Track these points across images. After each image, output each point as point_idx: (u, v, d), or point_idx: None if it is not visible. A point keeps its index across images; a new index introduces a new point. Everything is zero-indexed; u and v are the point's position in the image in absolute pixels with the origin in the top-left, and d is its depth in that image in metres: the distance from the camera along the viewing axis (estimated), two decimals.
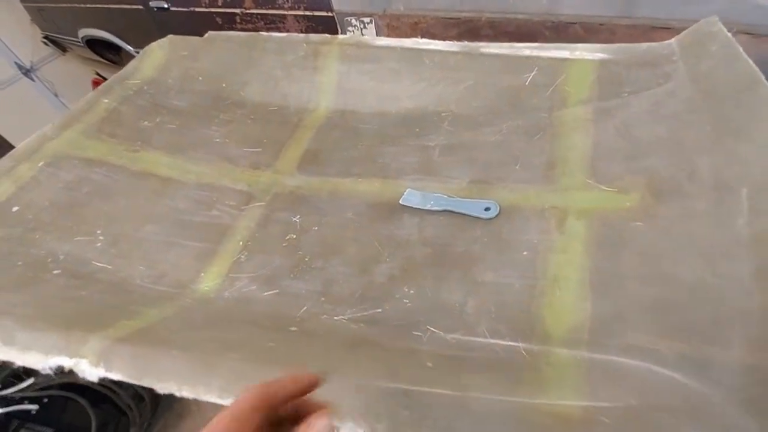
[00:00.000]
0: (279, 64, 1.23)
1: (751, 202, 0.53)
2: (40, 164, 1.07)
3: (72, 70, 3.72)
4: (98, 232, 0.95)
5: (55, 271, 0.85)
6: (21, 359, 0.62)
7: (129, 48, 2.80)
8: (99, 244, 0.92)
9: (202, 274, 0.84)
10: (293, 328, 0.66)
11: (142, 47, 1.43)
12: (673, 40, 0.83)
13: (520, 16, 1.42)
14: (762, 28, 1.09)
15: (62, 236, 0.94)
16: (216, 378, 0.53)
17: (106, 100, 1.24)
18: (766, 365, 0.44)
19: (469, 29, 1.55)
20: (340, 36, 1.19)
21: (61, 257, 0.90)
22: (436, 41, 1.05)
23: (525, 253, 0.67)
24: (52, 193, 1.02)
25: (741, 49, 0.68)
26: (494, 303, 0.62)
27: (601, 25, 1.30)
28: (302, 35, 1.23)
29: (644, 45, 0.86)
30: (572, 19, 1.34)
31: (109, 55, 3.30)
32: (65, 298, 0.76)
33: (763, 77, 0.64)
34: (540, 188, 0.76)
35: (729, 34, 0.73)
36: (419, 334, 0.62)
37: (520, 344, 0.55)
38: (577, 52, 0.90)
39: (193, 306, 0.75)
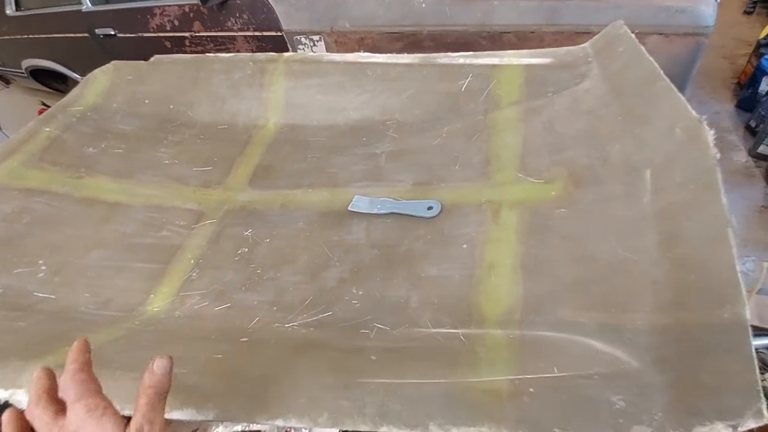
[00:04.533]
0: (226, 83, 1.24)
1: (654, 181, 0.59)
2: None
3: (16, 102, 3.58)
4: (41, 262, 0.91)
5: None
6: None
7: (75, 76, 2.73)
8: (41, 275, 0.89)
9: (152, 295, 0.83)
10: (244, 339, 0.66)
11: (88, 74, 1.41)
12: (588, 43, 0.91)
13: (458, 28, 1.50)
14: (670, 28, 1.21)
15: (1, 269, 0.90)
16: None
17: (48, 129, 1.21)
18: (673, 326, 0.48)
19: (412, 42, 1.62)
20: (286, 53, 1.21)
21: (0, 291, 0.86)
22: (378, 54, 1.10)
23: (464, 246, 0.70)
24: None
25: (643, 49, 0.76)
26: (436, 295, 0.65)
27: (531, 33, 1.40)
28: (248, 54, 1.25)
29: (563, 49, 0.93)
30: (505, 28, 1.43)
31: (55, 84, 3.21)
32: (3, 331, 0.73)
33: (661, 72, 0.71)
34: (478, 185, 0.80)
35: (633, 36, 0.80)
36: (367, 332, 0.63)
37: (459, 330, 0.57)
38: (506, 59, 0.96)
39: (141, 328, 0.74)
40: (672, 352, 0.45)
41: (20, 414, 0.40)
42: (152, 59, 1.35)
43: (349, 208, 0.87)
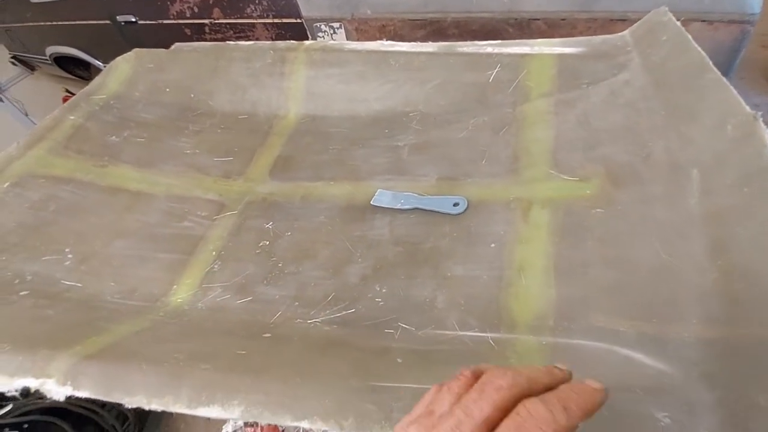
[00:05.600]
0: (246, 72, 1.22)
1: (702, 182, 0.55)
2: (6, 185, 1.05)
3: (41, 89, 3.65)
4: (67, 250, 0.93)
5: (22, 293, 0.83)
6: None
7: (98, 63, 2.76)
8: (68, 263, 0.90)
9: (175, 286, 0.83)
10: (267, 335, 0.65)
11: (110, 62, 1.41)
12: (626, 31, 0.86)
13: (484, 15, 1.44)
14: (715, 14, 1.13)
15: (29, 257, 0.91)
16: (185, 388, 0.52)
17: (72, 117, 1.22)
18: (723, 339, 0.45)
19: (436, 29, 1.57)
20: (306, 42, 1.19)
21: (29, 278, 0.87)
22: (401, 43, 1.06)
23: (492, 245, 0.68)
24: (18, 214, 1.00)
25: (690, 37, 0.71)
26: (463, 296, 0.63)
27: (562, 20, 1.33)
28: (268, 42, 1.23)
29: (600, 37, 0.88)
30: (534, 15, 1.37)
31: (79, 71, 3.25)
32: (32, 319, 0.74)
33: (710, 63, 0.66)
34: (506, 181, 0.77)
35: (678, 23, 0.75)
36: (391, 331, 0.62)
37: (488, 334, 0.55)
38: (537, 48, 0.92)
39: (165, 319, 0.74)
40: (721, 367, 0.42)
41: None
42: (173, 47, 1.34)
43: (371, 203, 0.85)
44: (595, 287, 0.55)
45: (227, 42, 1.28)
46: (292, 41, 1.21)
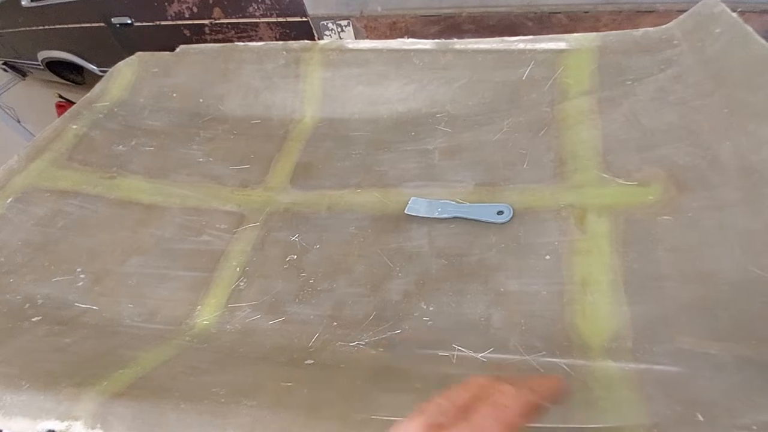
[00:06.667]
0: (258, 75, 1.16)
1: None
2: (9, 201, 0.99)
3: (33, 95, 3.55)
4: (78, 269, 0.87)
5: (34, 318, 0.77)
6: (6, 426, 0.56)
7: (92, 67, 2.68)
8: (81, 283, 0.85)
9: (199, 306, 0.78)
10: (309, 361, 0.60)
11: (105, 66, 1.35)
12: (672, 23, 0.81)
13: (501, 9, 1.39)
14: (747, 4, 1.09)
15: (39, 278, 0.86)
16: (230, 429, 0.47)
17: (75, 126, 1.16)
18: None
19: (450, 25, 1.51)
20: (321, 41, 1.13)
21: (40, 301, 0.82)
22: (424, 41, 1.01)
23: (547, 257, 0.63)
24: (24, 232, 0.94)
25: (750, 29, 0.66)
26: (522, 314, 0.58)
27: (585, 12, 1.28)
28: (280, 43, 1.17)
29: (641, 31, 0.83)
30: (555, 8, 1.31)
31: (72, 76, 3.16)
32: (48, 349, 0.68)
33: None
34: (553, 187, 0.72)
35: (735, 15, 0.71)
36: (446, 354, 0.57)
37: (560, 359, 0.51)
38: (574, 43, 0.87)
39: (192, 345, 0.69)
40: None
41: None
42: (178, 50, 1.28)
43: (406, 212, 0.80)
44: (675, 304, 0.51)
45: (236, 43, 1.22)
46: (306, 41, 1.15)
